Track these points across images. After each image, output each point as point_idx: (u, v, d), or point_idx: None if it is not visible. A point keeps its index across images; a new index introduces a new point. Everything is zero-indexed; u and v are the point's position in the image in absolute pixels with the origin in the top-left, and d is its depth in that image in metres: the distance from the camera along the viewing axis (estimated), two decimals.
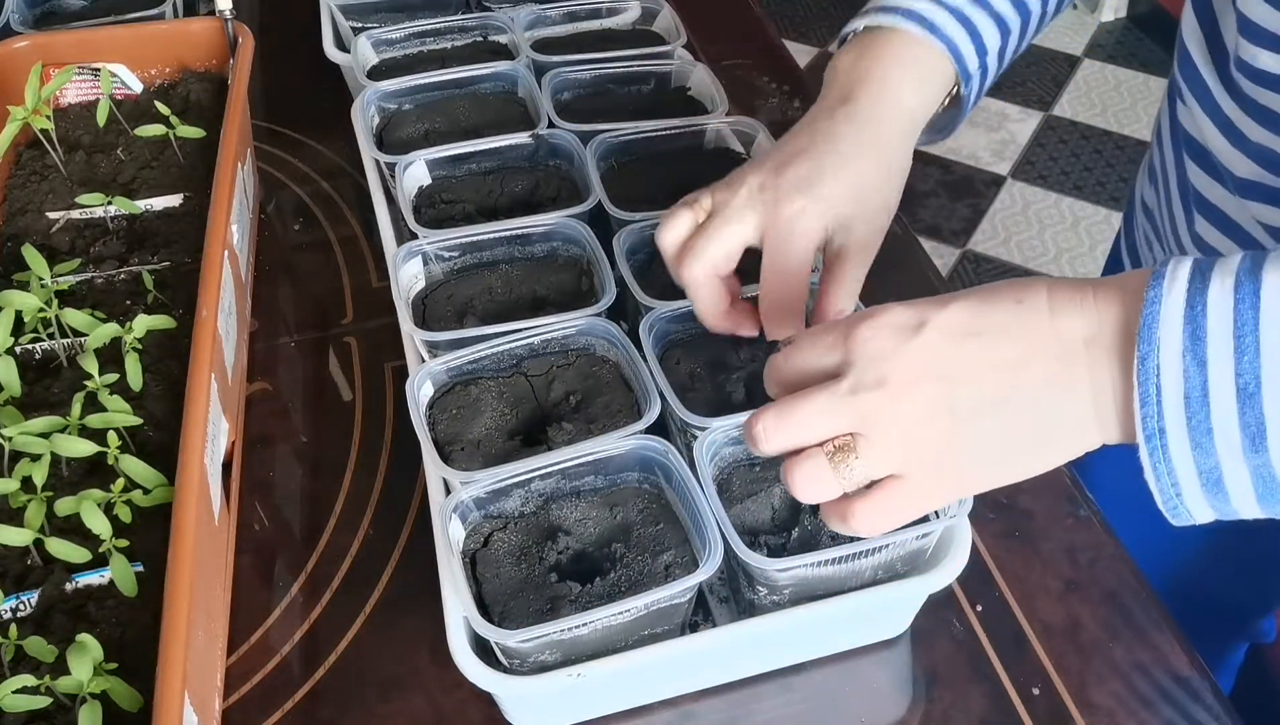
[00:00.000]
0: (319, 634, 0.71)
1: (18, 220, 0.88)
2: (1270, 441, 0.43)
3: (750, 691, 0.67)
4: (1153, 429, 0.45)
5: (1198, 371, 0.43)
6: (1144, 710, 0.66)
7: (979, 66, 0.69)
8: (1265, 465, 0.44)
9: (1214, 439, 0.44)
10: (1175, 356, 0.44)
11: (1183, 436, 0.44)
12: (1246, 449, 0.43)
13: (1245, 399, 0.43)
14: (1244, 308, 0.43)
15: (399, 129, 0.94)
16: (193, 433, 0.64)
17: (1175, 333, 0.44)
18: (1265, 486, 0.44)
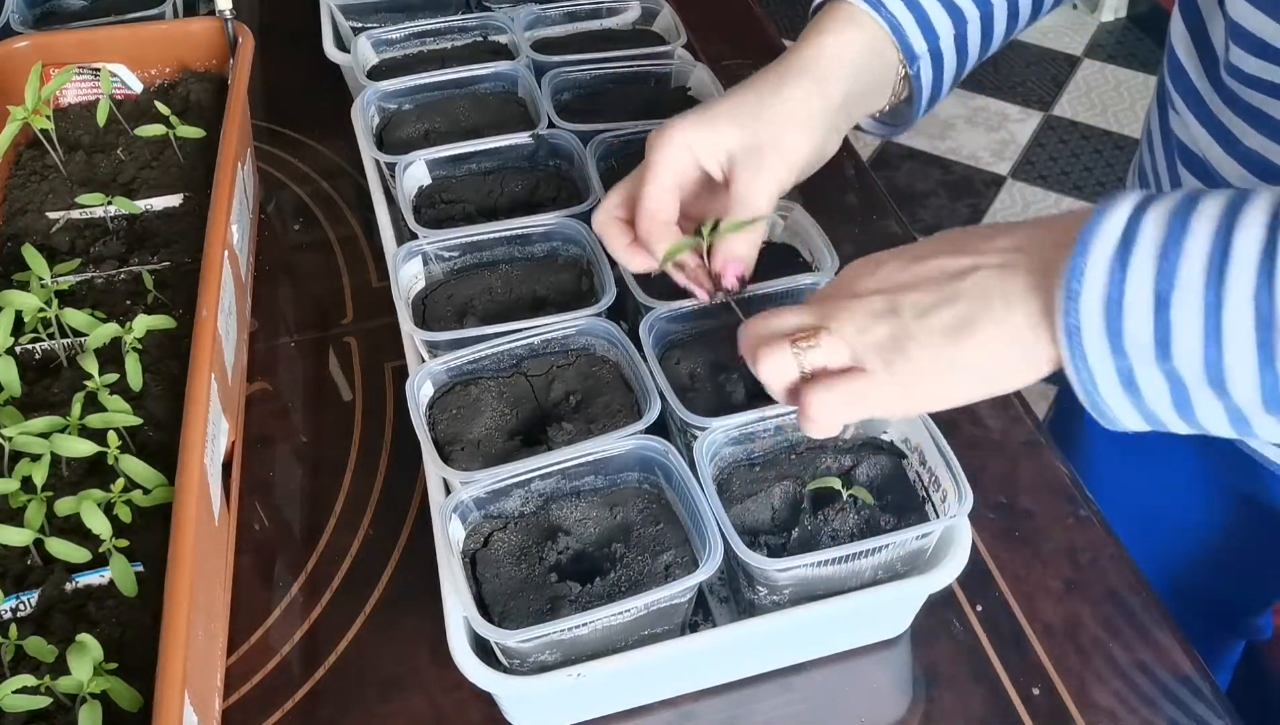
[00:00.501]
0: (319, 634, 0.71)
1: (18, 220, 0.88)
2: (1176, 348, 0.44)
3: (750, 691, 0.67)
4: (1072, 325, 0.46)
5: (1120, 274, 0.45)
6: (1144, 710, 0.66)
7: (928, 50, 0.69)
8: (1174, 372, 0.45)
9: (1126, 342, 0.46)
10: (1103, 260, 0.46)
11: (1099, 335, 0.46)
12: (1158, 355, 0.45)
13: (1159, 305, 0.44)
14: (1175, 223, 0.45)
15: (399, 129, 0.94)
16: (193, 433, 0.64)
17: (1110, 239, 0.46)
18: (1178, 393, 0.46)
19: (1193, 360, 0.45)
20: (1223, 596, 0.92)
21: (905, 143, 2.69)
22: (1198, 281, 0.44)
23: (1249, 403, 0.45)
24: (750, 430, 0.67)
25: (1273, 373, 0.43)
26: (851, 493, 0.65)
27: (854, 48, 0.67)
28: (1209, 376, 0.45)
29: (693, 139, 0.65)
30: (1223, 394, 0.45)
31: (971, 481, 0.62)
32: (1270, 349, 0.43)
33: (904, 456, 0.67)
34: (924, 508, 0.65)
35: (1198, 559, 0.89)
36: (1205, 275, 0.44)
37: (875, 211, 0.98)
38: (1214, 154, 0.71)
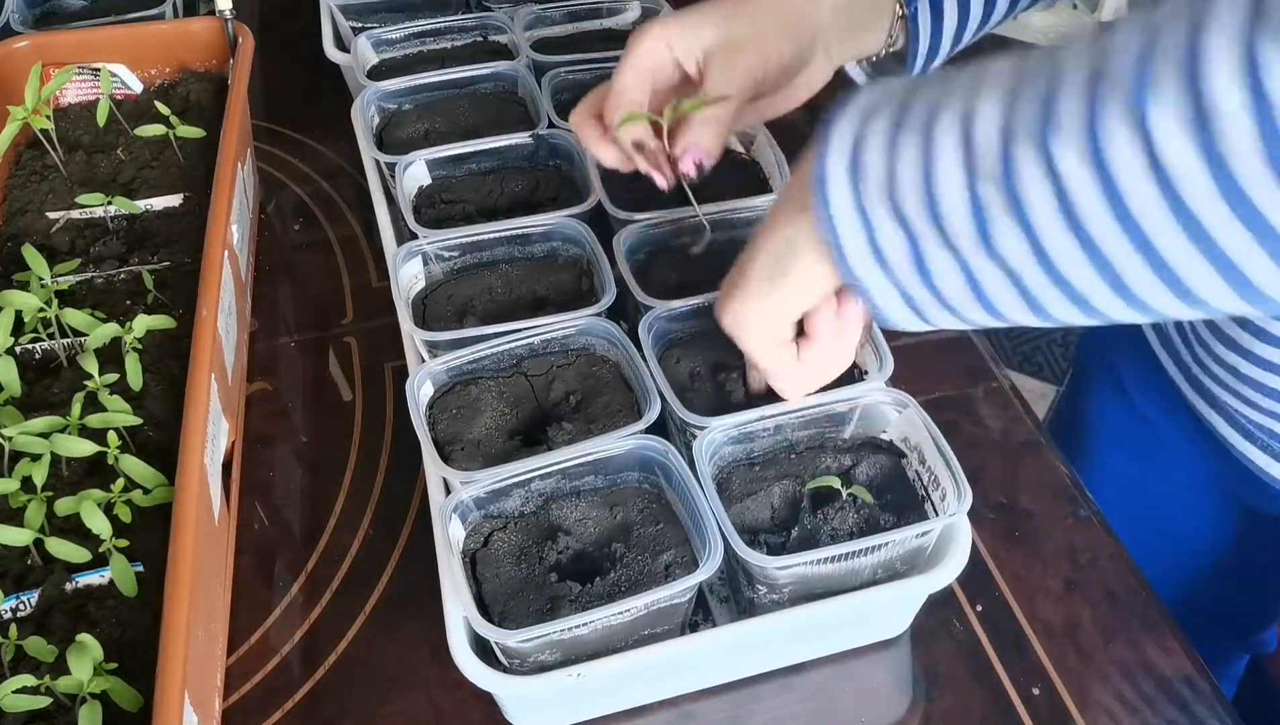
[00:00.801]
0: (319, 634, 0.71)
1: (18, 220, 0.88)
2: (901, 183, 0.46)
3: (750, 691, 0.67)
4: (820, 175, 0.49)
5: (862, 123, 0.48)
6: (1144, 710, 0.66)
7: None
8: (903, 215, 0.47)
9: (862, 185, 0.48)
10: (853, 117, 0.49)
11: (842, 180, 0.48)
12: (888, 194, 0.47)
13: (890, 147, 0.47)
14: (913, 84, 0.48)
15: (399, 129, 0.94)
16: (193, 433, 0.64)
17: (861, 103, 0.49)
18: (914, 248, 0.47)
19: (915, 194, 0.46)
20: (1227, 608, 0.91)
21: None
22: (920, 119, 0.46)
23: (963, 235, 0.45)
24: (750, 430, 0.67)
25: (976, 193, 0.44)
26: (851, 492, 0.65)
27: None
28: (929, 211, 0.46)
29: (671, 34, 0.65)
30: (944, 237, 0.46)
31: (971, 481, 0.62)
32: (972, 169, 0.44)
33: (903, 455, 0.67)
34: (923, 507, 0.65)
35: (1201, 569, 0.89)
36: (927, 114, 0.46)
37: None
38: None
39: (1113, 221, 0.41)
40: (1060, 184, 0.41)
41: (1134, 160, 0.39)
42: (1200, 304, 0.42)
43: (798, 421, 0.67)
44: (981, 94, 0.44)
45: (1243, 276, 0.39)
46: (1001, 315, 0.48)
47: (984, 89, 0.44)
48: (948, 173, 0.45)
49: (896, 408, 0.67)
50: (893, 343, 0.69)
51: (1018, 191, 0.43)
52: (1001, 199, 0.43)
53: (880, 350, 0.69)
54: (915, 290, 0.49)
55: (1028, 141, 0.42)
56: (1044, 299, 0.45)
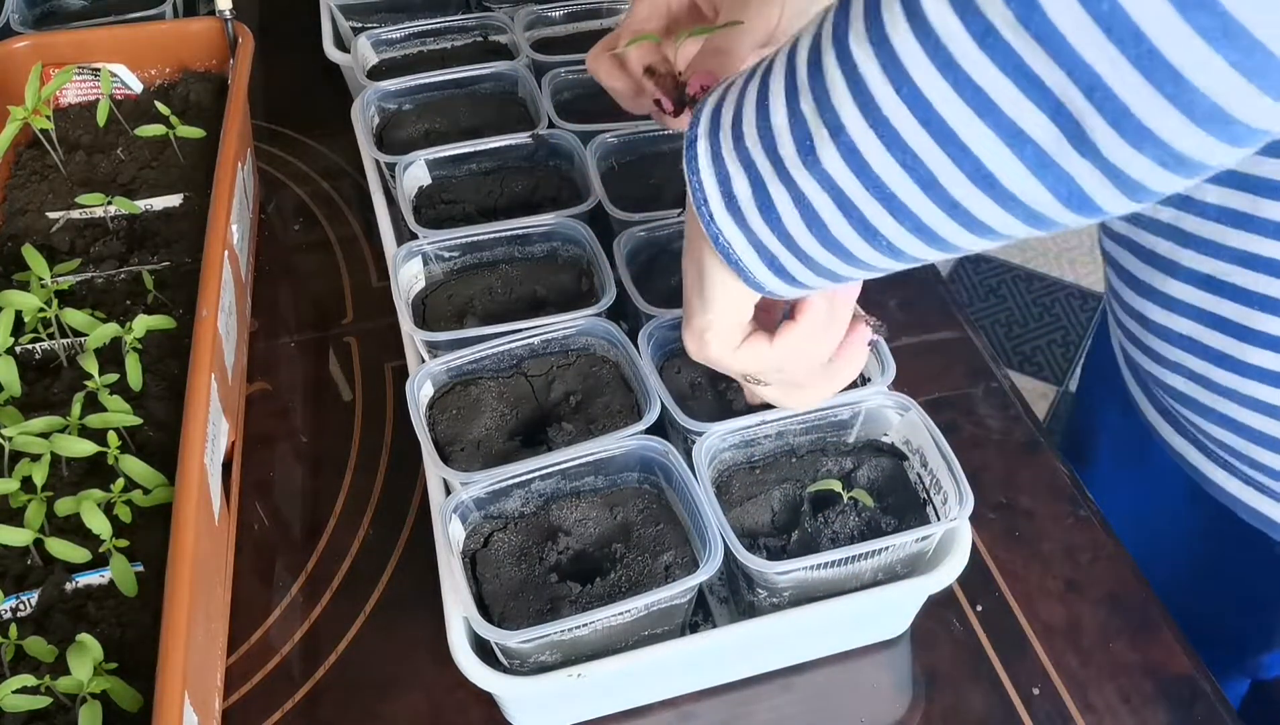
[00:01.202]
0: (319, 634, 0.71)
1: (18, 220, 0.88)
2: (745, 124, 0.47)
3: (750, 691, 0.67)
4: (690, 138, 0.50)
5: (726, 91, 0.49)
6: (1144, 710, 0.66)
7: None
8: (749, 158, 0.47)
9: (719, 137, 0.48)
10: (722, 89, 0.50)
11: (705, 139, 0.49)
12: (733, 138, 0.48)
13: (739, 96, 0.48)
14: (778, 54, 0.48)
15: (399, 129, 0.94)
16: (193, 433, 0.64)
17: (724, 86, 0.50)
18: (758, 187, 0.47)
19: (751, 130, 0.47)
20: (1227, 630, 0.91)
21: None
22: (759, 72, 0.47)
23: (794, 165, 0.45)
24: (750, 435, 0.67)
25: (798, 117, 0.44)
26: (852, 495, 0.65)
27: None
28: (763, 144, 0.46)
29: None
30: (779, 168, 0.46)
31: (971, 481, 0.62)
32: (793, 91, 0.44)
33: (905, 458, 0.67)
34: (924, 510, 0.65)
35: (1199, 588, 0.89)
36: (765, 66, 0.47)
37: None
38: None
39: (902, 105, 0.40)
40: (857, 78, 0.41)
41: (906, 29, 0.39)
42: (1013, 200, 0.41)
43: (799, 427, 0.67)
44: (806, 27, 0.45)
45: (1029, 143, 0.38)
46: (848, 251, 0.47)
47: (809, 24, 0.45)
48: (776, 101, 0.45)
49: (898, 411, 0.67)
50: (893, 343, 0.69)
51: (827, 98, 0.43)
52: (815, 110, 0.43)
53: (883, 355, 0.69)
54: (766, 238, 0.49)
55: (829, 46, 0.42)
56: (875, 220, 0.45)
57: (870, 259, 0.47)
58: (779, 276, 0.50)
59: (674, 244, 0.80)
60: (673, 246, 0.80)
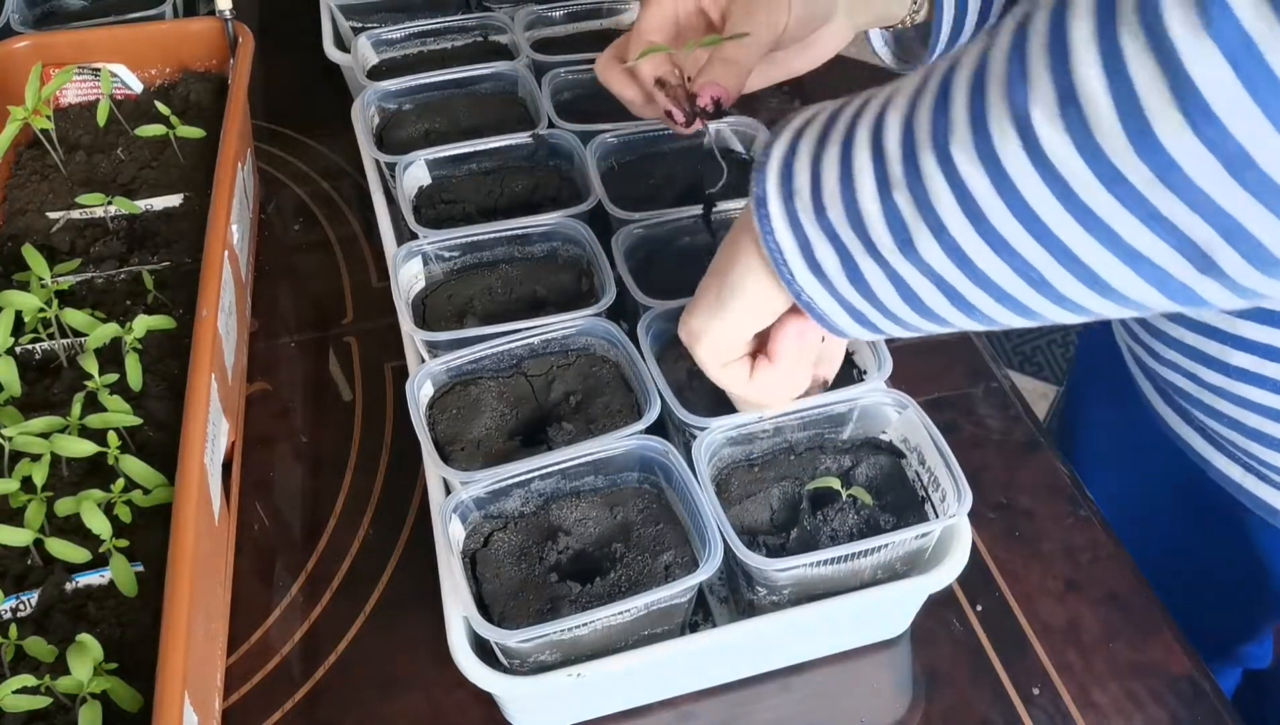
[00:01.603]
0: (319, 634, 0.71)
1: (18, 220, 0.88)
2: (825, 197, 0.47)
3: (750, 691, 0.67)
4: (759, 196, 0.49)
5: (796, 140, 0.49)
6: (1144, 710, 0.66)
7: None
8: (833, 230, 0.47)
9: (795, 203, 0.48)
10: (789, 134, 0.49)
11: (778, 201, 0.49)
12: (815, 210, 0.47)
13: (814, 161, 0.47)
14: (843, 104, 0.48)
15: (399, 129, 0.94)
16: (193, 433, 0.64)
17: (800, 120, 0.50)
18: (846, 259, 0.47)
19: (836, 206, 0.46)
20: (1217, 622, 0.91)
21: None
22: (840, 133, 0.47)
23: (890, 251, 0.45)
24: (749, 431, 0.67)
25: (892, 206, 0.44)
26: (851, 493, 0.65)
27: None
28: (851, 223, 0.46)
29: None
30: (871, 249, 0.46)
31: (971, 481, 0.62)
32: (885, 180, 0.44)
33: (903, 456, 0.67)
34: (923, 508, 0.65)
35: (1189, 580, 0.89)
36: (847, 127, 0.46)
37: None
38: None
39: (1014, 220, 0.41)
40: (962, 187, 0.41)
41: (1020, 154, 0.39)
42: (1125, 299, 0.41)
43: (797, 422, 0.67)
44: (892, 102, 0.45)
45: (1151, 265, 0.39)
46: (944, 320, 0.48)
47: (895, 97, 0.45)
48: (863, 184, 0.45)
49: (896, 408, 0.67)
50: (892, 344, 0.69)
51: (927, 198, 0.43)
52: (913, 206, 0.43)
53: (879, 350, 0.69)
54: (855, 301, 0.49)
55: (927, 147, 0.42)
56: (976, 302, 0.45)
57: (963, 324, 0.48)
58: (862, 326, 0.51)
59: (673, 241, 0.80)
60: (672, 243, 0.80)
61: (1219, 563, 0.86)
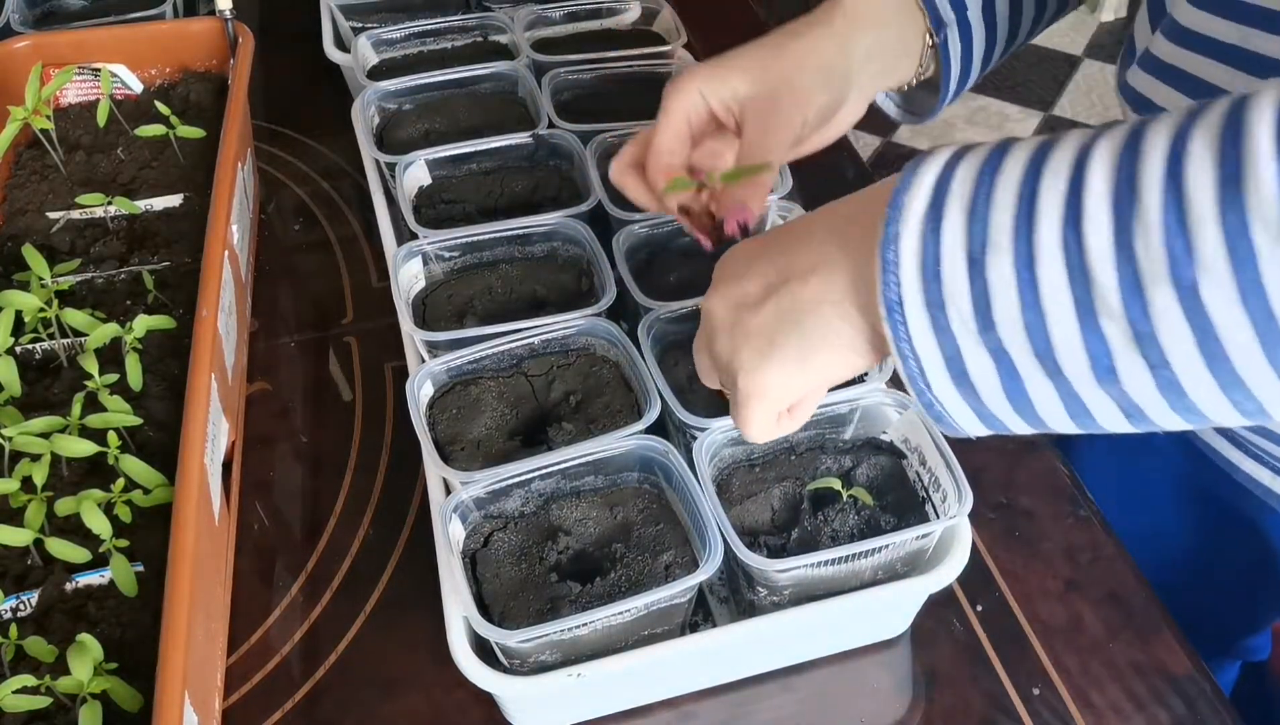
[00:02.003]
0: (319, 634, 0.71)
1: (18, 220, 0.88)
2: (997, 313, 0.41)
3: (750, 691, 0.67)
4: (892, 300, 0.43)
5: (933, 237, 0.42)
6: (1144, 710, 0.66)
7: (955, 19, 0.69)
8: (1000, 348, 0.42)
9: (948, 313, 0.42)
10: (916, 222, 0.42)
11: (920, 309, 0.43)
12: (979, 327, 0.42)
13: (974, 266, 0.41)
14: (984, 176, 0.41)
15: (399, 129, 0.94)
16: (193, 433, 0.64)
17: (921, 199, 0.42)
18: (1009, 377, 0.42)
19: (1014, 327, 0.41)
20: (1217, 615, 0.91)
21: (905, 142, 2.68)
22: (1007, 235, 0.40)
23: (1080, 377, 0.41)
24: None
25: (1097, 333, 0.39)
26: (851, 493, 0.65)
27: (886, 13, 0.67)
28: (1034, 347, 0.41)
29: (705, 86, 0.65)
30: (1053, 372, 0.41)
31: (971, 481, 0.62)
32: (1089, 305, 0.39)
33: (904, 457, 0.67)
34: (924, 508, 0.65)
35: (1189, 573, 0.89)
36: (1014, 227, 0.40)
37: None
38: None
39: (1266, 363, 0.37)
40: (1207, 327, 0.37)
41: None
42: None
43: None
44: (1087, 214, 0.38)
45: None
46: (1105, 431, 0.44)
47: (1086, 202, 0.38)
48: (1058, 310, 0.39)
49: (897, 409, 0.67)
50: None
51: (1152, 333, 0.38)
52: (1129, 338, 0.39)
53: None
54: (1003, 413, 0.44)
55: (1163, 281, 0.37)
56: (1165, 423, 0.42)
57: (1122, 431, 0.44)
58: (990, 428, 0.46)
59: (673, 241, 0.80)
60: (672, 243, 0.80)
61: (1223, 558, 0.86)
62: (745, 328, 0.51)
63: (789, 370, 0.50)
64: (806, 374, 0.50)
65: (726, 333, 0.52)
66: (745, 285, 0.51)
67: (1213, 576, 0.88)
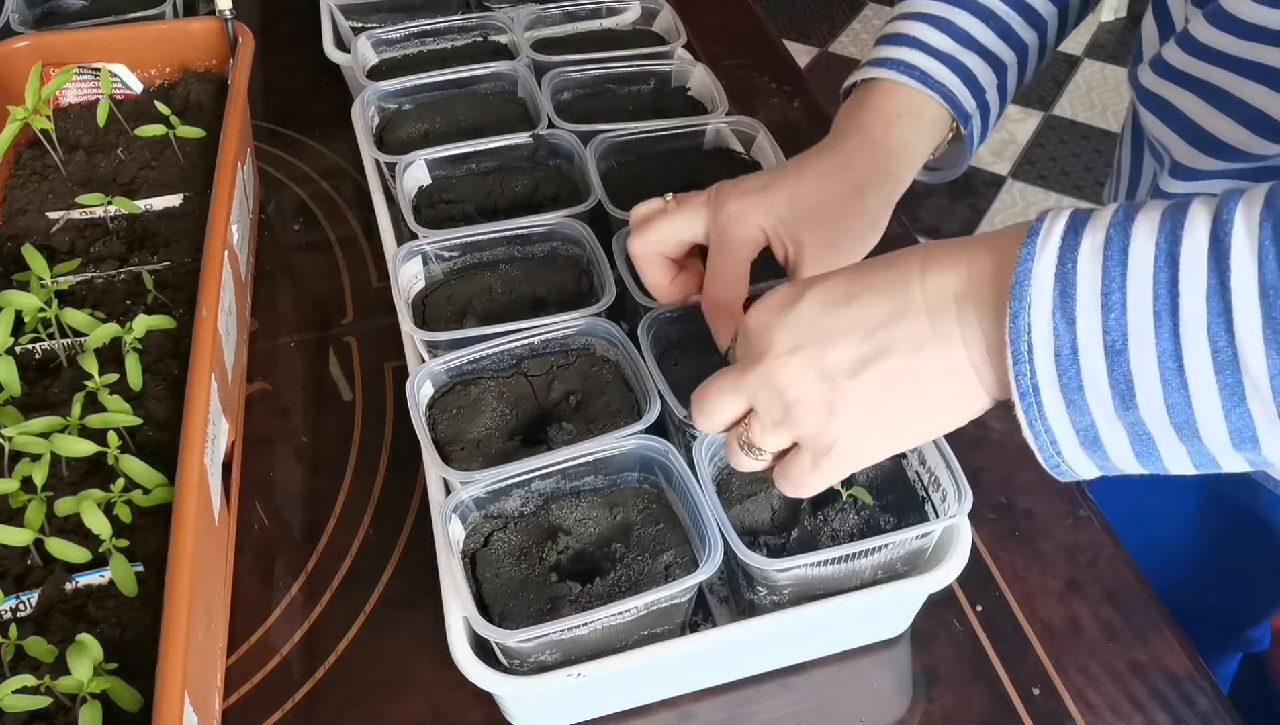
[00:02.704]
0: (319, 634, 0.71)
1: (18, 220, 0.88)
2: (1139, 398, 0.43)
3: (750, 691, 0.67)
4: (1026, 387, 0.45)
5: (1067, 329, 0.43)
6: (1144, 710, 0.66)
7: (977, 106, 0.71)
8: (1139, 423, 0.44)
9: (1086, 397, 0.44)
10: (1045, 314, 0.44)
11: (1055, 394, 0.44)
12: (1118, 407, 0.43)
13: (1113, 356, 0.43)
14: (1111, 265, 0.43)
15: (399, 129, 0.94)
16: (193, 433, 0.64)
17: (1046, 290, 0.44)
18: (1142, 444, 0.45)
19: (1157, 410, 0.43)
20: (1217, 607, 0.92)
21: None
22: (1148, 328, 0.42)
23: (1219, 445, 0.43)
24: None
25: (1242, 413, 0.41)
26: (851, 493, 0.65)
27: (921, 138, 0.69)
28: (1175, 424, 0.43)
29: (769, 226, 0.65)
30: (1192, 439, 0.43)
31: (971, 481, 0.62)
32: (1237, 390, 0.41)
33: (903, 456, 0.67)
34: (924, 508, 0.65)
35: (1190, 566, 0.89)
36: (1155, 320, 0.42)
37: None
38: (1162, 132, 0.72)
39: None
40: None
41: None
42: None
43: None
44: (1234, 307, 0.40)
45: None
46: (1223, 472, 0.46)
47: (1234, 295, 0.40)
48: (1204, 394, 0.42)
49: None
50: None
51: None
52: (1273, 416, 0.41)
53: None
54: (1129, 466, 0.46)
55: None
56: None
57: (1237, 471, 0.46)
58: (1109, 473, 0.48)
59: None
60: None
61: (1223, 548, 0.86)
62: (843, 396, 0.49)
63: (900, 438, 0.51)
64: (916, 439, 0.52)
65: (818, 404, 0.50)
66: (831, 352, 0.49)
67: (1213, 567, 0.88)
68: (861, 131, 0.68)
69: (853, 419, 0.50)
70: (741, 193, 0.65)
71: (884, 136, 0.68)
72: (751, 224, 0.65)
